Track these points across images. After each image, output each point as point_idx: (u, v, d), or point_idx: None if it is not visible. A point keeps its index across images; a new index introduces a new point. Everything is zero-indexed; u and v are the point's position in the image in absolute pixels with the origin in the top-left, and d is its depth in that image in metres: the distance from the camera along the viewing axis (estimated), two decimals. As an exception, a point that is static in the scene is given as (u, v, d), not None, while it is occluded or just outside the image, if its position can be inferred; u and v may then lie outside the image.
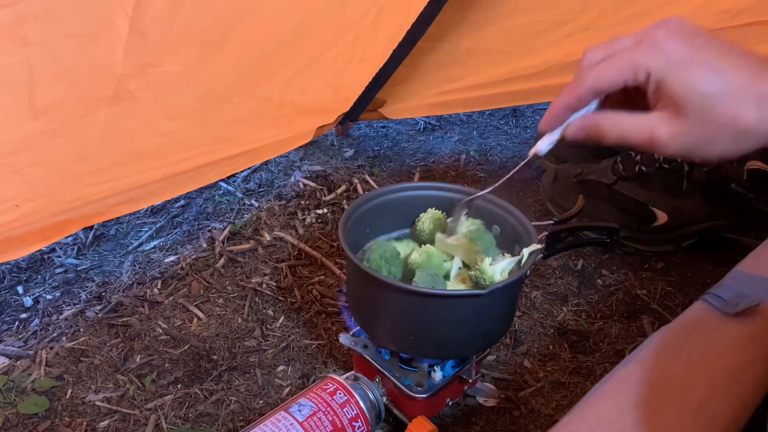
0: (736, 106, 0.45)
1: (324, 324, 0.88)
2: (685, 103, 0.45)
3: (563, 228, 0.69)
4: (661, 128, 0.47)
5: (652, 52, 0.46)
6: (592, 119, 0.50)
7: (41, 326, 0.88)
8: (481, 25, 1.11)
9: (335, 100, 1.20)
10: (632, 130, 0.49)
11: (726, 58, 0.46)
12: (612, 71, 0.47)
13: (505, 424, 0.74)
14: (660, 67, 0.46)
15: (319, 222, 1.10)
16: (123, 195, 0.92)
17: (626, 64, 0.47)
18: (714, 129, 0.46)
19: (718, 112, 0.45)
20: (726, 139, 0.46)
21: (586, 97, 0.49)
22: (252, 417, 0.75)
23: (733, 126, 0.45)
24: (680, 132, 0.46)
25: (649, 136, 0.48)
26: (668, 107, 0.46)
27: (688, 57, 0.46)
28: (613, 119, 0.49)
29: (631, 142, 0.49)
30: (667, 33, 0.46)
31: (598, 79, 0.48)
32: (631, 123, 0.49)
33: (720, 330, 0.63)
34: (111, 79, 0.79)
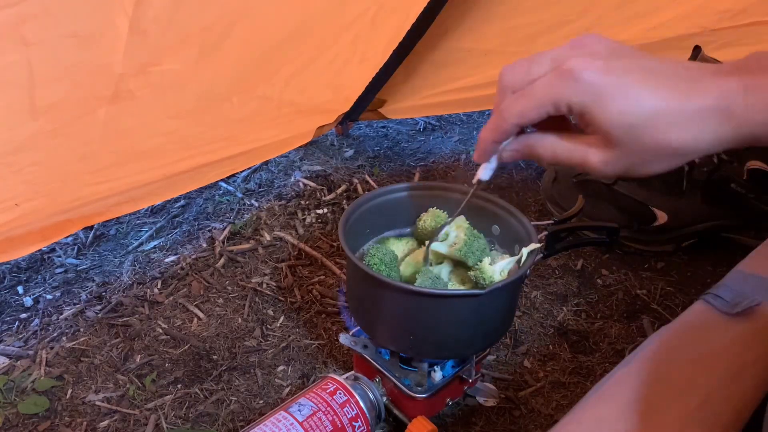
0: (665, 131, 0.44)
1: (324, 324, 0.88)
2: (612, 134, 0.45)
3: (563, 228, 0.69)
4: (593, 155, 0.47)
5: (570, 85, 0.45)
6: (525, 144, 0.51)
7: (41, 326, 0.88)
8: (481, 25, 1.12)
9: (335, 100, 1.20)
10: (565, 154, 0.49)
11: (648, 81, 0.44)
12: (533, 108, 0.47)
13: (505, 424, 0.74)
14: (581, 101, 0.45)
15: (319, 222, 1.10)
16: (123, 195, 0.92)
17: (546, 100, 0.46)
18: (646, 154, 0.46)
19: (646, 138, 0.44)
20: (660, 161, 0.46)
21: (511, 131, 0.50)
22: (252, 417, 0.75)
23: (666, 150, 0.45)
24: (612, 159, 0.46)
25: (582, 161, 0.48)
26: (597, 136, 0.46)
27: (608, 87, 0.44)
28: (545, 143, 0.50)
29: (565, 164, 0.49)
30: (583, 62, 0.45)
31: (521, 116, 0.48)
32: (564, 148, 0.49)
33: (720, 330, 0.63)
34: (111, 78, 0.79)
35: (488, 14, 1.10)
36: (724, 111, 0.43)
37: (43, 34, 0.70)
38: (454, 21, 1.12)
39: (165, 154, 0.95)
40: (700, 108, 0.43)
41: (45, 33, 0.70)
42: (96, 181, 0.88)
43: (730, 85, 0.43)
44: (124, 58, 0.77)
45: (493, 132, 0.50)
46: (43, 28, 0.70)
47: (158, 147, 0.94)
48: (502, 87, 0.50)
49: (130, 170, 0.91)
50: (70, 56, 0.74)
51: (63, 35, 0.72)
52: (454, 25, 1.12)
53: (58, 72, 0.75)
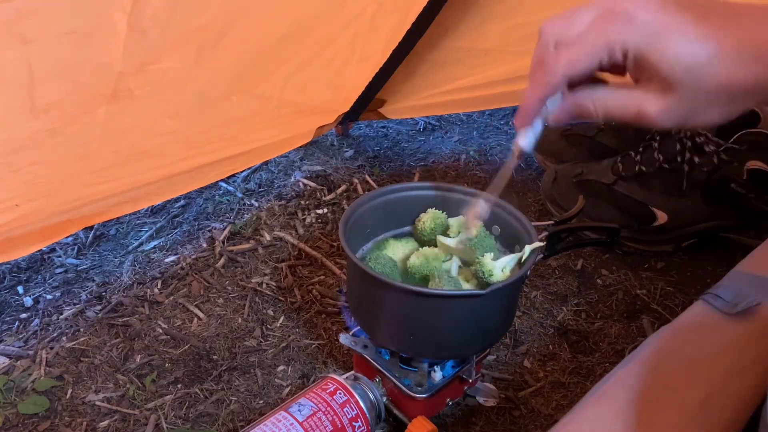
0: (727, 71, 0.41)
1: (324, 324, 0.88)
2: (672, 77, 0.42)
3: (563, 228, 0.69)
4: (649, 104, 0.44)
5: (624, 26, 0.42)
6: (574, 101, 0.47)
7: (41, 326, 0.88)
8: (481, 25, 1.11)
9: (335, 100, 1.20)
10: (618, 107, 0.45)
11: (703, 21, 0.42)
12: (584, 55, 0.44)
13: (505, 424, 0.74)
14: (637, 43, 0.42)
15: (319, 222, 1.10)
16: (123, 195, 0.92)
17: (599, 45, 0.43)
18: (706, 97, 0.43)
19: (708, 80, 0.42)
20: (721, 105, 0.43)
21: (561, 84, 0.46)
22: (252, 417, 0.75)
23: (727, 91, 0.42)
24: (670, 106, 0.43)
25: (637, 111, 0.44)
26: (654, 82, 0.43)
27: (665, 26, 0.42)
28: (598, 96, 0.46)
29: (618, 118, 0.46)
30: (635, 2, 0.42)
31: (571, 66, 0.44)
32: (619, 99, 0.45)
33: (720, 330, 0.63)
34: (110, 77, 0.79)
35: (488, 13, 1.10)
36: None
37: (42, 31, 0.70)
38: (454, 20, 1.12)
39: (165, 154, 0.95)
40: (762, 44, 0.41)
41: (43, 30, 0.70)
42: (96, 182, 0.88)
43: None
44: (123, 57, 0.77)
45: (539, 87, 0.46)
46: (42, 25, 0.70)
47: (158, 147, 0.93)
48: (543, 42, 0.46)
49: (131, 170, 0.91)
50: (68, 54, 0.74)
51: (61, 32, 0.72)
52: (454, 25, 1.12)
53: (57, 70, 0.74)
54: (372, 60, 1.12)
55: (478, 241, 0.68)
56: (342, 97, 1.19)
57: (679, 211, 0.97)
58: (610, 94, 0.46)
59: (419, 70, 1.19)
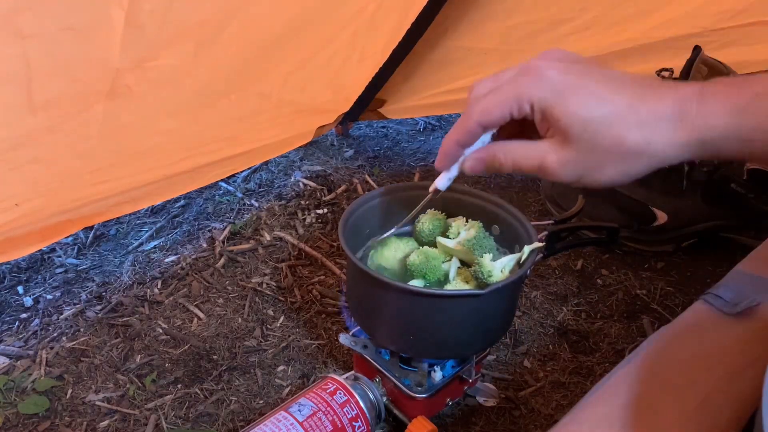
0: (620, 130, 0.45)
1: (324, 324, 0.88)
2: (570, 130, 0.46)
3: (563, 228, 0.69)
4: (550, 156, 0.48)
5: (533, 82, 0.47)
6: (487, 152, 0.51)
7: (41, 326, 0.88)
8: (481, 24, 1.12)
9: (335, 100, 1.20)
10: (524, 159, 0.49)
11: (607, 84, 0.46)
12: (496, 105, 0.48)
13: (505, 424, 0.74)
14: (542, 98, 0.46)
15: (319, 222, 1.10)
16: (123, 195, 0.92)
17: (510, 97, 0.47)
18: (601, 154, 0.46)
19: (602, 136, 0.46)
20: (614, 163, 0.47)
21: (475, 132, 0.50)
22: (252, 417, 0.75)
23: (619, 149, 0.46)
24: (569, 159, 0.47)
25: (539, 164, 0.48)
26: (556, 135, 0.47)
27: (569, 85, 0.46)
28: (506, 149, 0.50)
29: (525, 170, 0.50)
30: (547, 63, 0.47)
31: (484, 114, 0.48)
32: (523, 152, 0.50)
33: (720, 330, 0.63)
34: (108, 73, 0.78)
35: (488, 13, 1.10)
36: (677, 116, 0.44)
37: (39, 27, 0.70)
38: (453, 20, 1.12)
39: (165, 153, 0.95)
40: (654, 111, 0.45)
41: (41, 25, 0.70)
42: (96, 181, 0.87)
43: (687, 92, 0.45)
44: (120, 53, 0.77)
45: (455, 133, 0.51)
46: (39, 20, 0.69)
47: (158, 146, 0.93)
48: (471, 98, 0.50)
49: (131, 170, 0.91)
50: (66, 50, 0.73)
51: (59, 28, 0.71)
52: (454, 24, 1.12)
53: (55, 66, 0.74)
54: (372, 60, 1.12)
55: (478, 242, 0.68)
56: (342, 97, 1.19)
57: (679, 211, 0.97)
58: (518, 147, 0.50)
59: (419, 70, 1.19)
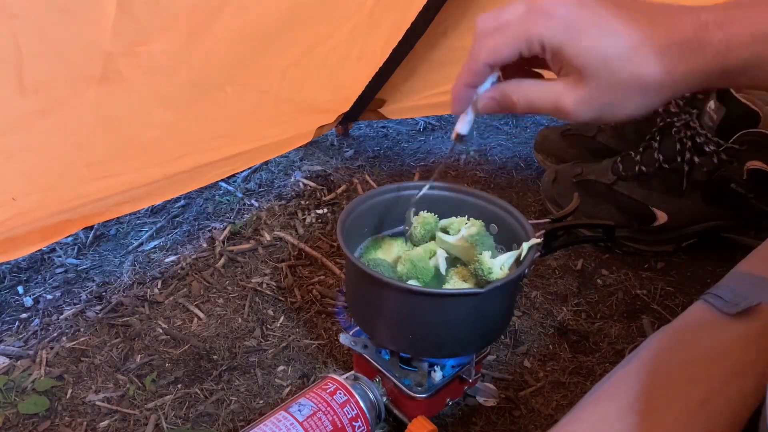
0: (638, 63, 0.43)
1: (324, 324, 0.88)
2: (586, 68, 0.44)
3: (560, 226, 0.69)
4: (566, 96, 0.46)
5: (542, 20, 0.45)
6: (499, 90, 0.49)
7: (41, 326, 0.88)
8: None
9: (335, 100, 1.20)
10: (538, 98, 0.48)
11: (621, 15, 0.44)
12: (505, 45, 0.46)
13: (505, 424, 0.74)
14: (553, 36, 0.44)
15: (319, 222, 1.10)
16: (123, 195, 0.92)
17: (518, 37, 0.45)
18: (620, 89, 0.45)
19: (620, 72, 0.44)
20: (634, 98, 0.45)
21: (483, 72, 0.48)
22: (252, 417, 0.75)
23: (638, 83, 0.44)
24: (586, 97, 0.45)
25: (554, 103, 0.46)
26: (571, 74, 0.45)
27: (581, 20, 0.44)
28: (520, 88, 0.48)
29: (539, 110, 0.48)
30: None
31: (492, 53, 0.47)
32: (538, 91, 0.48)
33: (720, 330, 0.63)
34: (99, 57, 0.78)
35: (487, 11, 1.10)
36: (698, 42, 0.42)
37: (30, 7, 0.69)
38: (453, 19, 1.12)
39: (163, 149, 0.94)
40: (674, 39, 0.43)
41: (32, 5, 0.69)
42: (94, 177, 0.87)
43: (708, 17, 0.42)
44: (112, 36, 0.76)
45: (464, 75, 0.49)
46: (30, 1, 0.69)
47: (155, 140, 0.93)
48: (476, 34, 0.48)
49: (129, 166, 0.90)
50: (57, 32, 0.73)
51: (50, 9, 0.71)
52: (454, 24, 1.12)
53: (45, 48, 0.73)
54: (371, 59, 1.12)
55: (478, 239, 0.67)
56: (341, 96, 1.19)
57: (679, 211, 0.97)
58: (532, 86, 0.48)
59: (419, 69, 1.19)
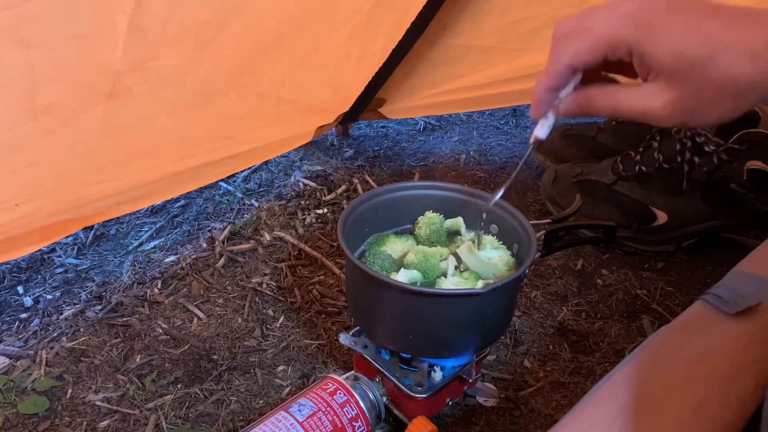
0: (730, 64, 0.42)
1: (324, 324, 0.88)
2: (676, 71, 0.43)
3: (560, 227, 0.69)
4: (655, 100, 0.45)
5: (628, 23, 0.44)
6: (584, 94, 0.49)
7: (41, 326, 0.88)
8: (480, 22, 1.11)
9: (335, 100, 1.20)
10: (626, 103, 0.47)
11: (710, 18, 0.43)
12: (588, 47, 0.45)
13: (505, 424, 0.74)
14: (640, 39, 0.44)
15: (319, 222, 1.10)
16: (123, 195, 0.92)
17: (603, 40, 0.45)
18: (710, 92, 0.44)
19: (712, 73, 0.42)
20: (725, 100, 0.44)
21: (566, 76, 0.48)
22: (252, 417, 0.75)
23: (731, 85, 0.43)
24: (675, 102, 0.44)
25: (644, 108, 0.46)
26: (659, 77, 0.44)
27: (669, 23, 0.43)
28: (606, 92, 0.48)
29: (625, 115, 0.47)
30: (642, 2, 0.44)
31: (576, 56, 0.46)
32: (626, 96, 0.47)
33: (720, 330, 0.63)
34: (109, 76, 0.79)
35: (486, 10, 1.10)
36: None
37: (44, 36, 0.70)
38: (452, 18, 1.11)
39: (164, 153, 0.95)
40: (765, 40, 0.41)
41: (46, 34, 0.70)
42: (95, 180, 0.87)
43: None
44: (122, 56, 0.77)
45: (546, 77, 0.48)
46: (44, 30, 0.70)
47: (157, 146, 0.93)
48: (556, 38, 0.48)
49: (130, 170, 0.91)
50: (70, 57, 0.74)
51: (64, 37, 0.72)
52: (453, 22, 1.12)
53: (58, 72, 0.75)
54: (371, 59, 1.12)
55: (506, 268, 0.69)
56: (341, 96, 1.19)
57: (679, 211, 0.97)
58: (619, 91, 0.47)
59: (419, 68, 1.19)
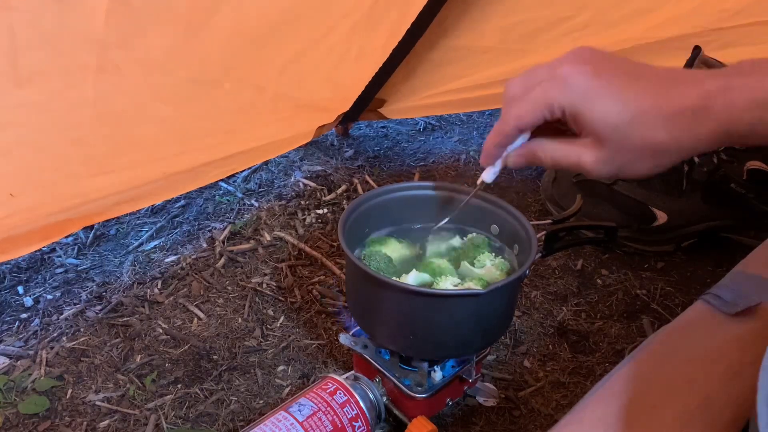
0: (647, 130, 0.48)
1: (324, 324, 0.88)
2: (601, 134, 0.49)
3: (561, 227, 0.69)
4: (586, 155, 0.51)
5: (561, 89, 0.50)
6: (527, 149, 0.56)
7: (41, 326, 0.88)
8: (480, 23, 1.11)
9: (334, 99, 1.19)
10: (562, 157, 0.53)
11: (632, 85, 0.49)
12: (528, 111, 0.52)
13: (505, 424, 0.74)
14: (572, 103, 0.49)
15: (319, 222, 1.10)
16: (123, 194, 0.92)
17: (540, 104, 0.51)
18: (632, 152, 0.50)
19: (631, 138, 0.49)
20: (645, 160, 0.50)
21: (513, 135, 0.55)
22: (252, 417, 0.75)
23: (648, 147, 0.49)
24: (603, 158, 0.50)
25: (576, 162, 0.52)
26: (589, 137, 0.51)
27: (596, 90, 0.49)
28: (545, 147, 0.55)
29: (563, 166, 0.53)
30: (574, 68, 0.50)
31: (519, 119, 0.53)
32: (561, 151, 0.53)
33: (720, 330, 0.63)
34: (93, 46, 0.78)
35: (487, 12, 1.10)
36: (702, 111, 0.47)
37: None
38: (453, 19, 1.11)
39: (161, 145, 0.94)
40: (679, 108, 0.47)
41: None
42: (92, 173, 0.86)
43: (711, 86, 0.47)
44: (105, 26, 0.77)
45: (495, 136, 0.56)
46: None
47: (153, 136, 0.92)
48: (505, 99, 0.54)
49: (126, 162, 0.90)
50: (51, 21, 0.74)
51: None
52: (453, 24, 1.12)
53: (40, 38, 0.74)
54: (371, 57, 1.12)
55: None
56: (341, 96, 1.19)
57: (679, 211, 0.97)
58: (556, 146, 0.54)
59: (419, 69, 1.19)
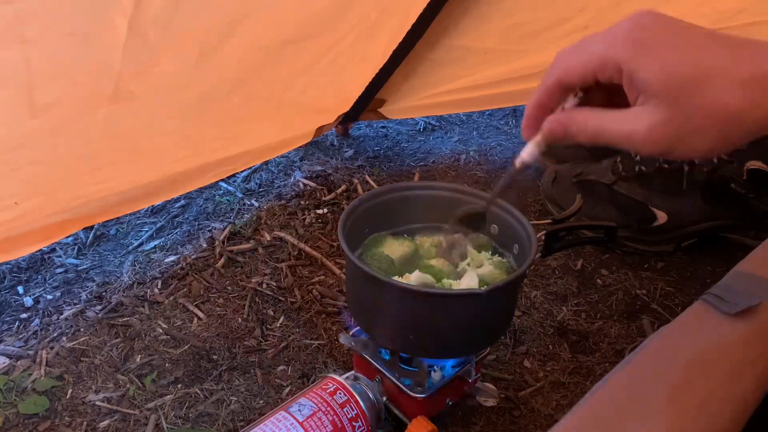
0: (722, 91, 0.40)
1: (324, 324, 0.88)
2: (664, 91, 0.41)
3: (561, 227, 0.69)
4: (641, 122, 0.42)
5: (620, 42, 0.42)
6: (568, 113, 0.46)
7: (41, 326, 0.88)
8: (481, 23, 1.11)
9: (335, 100, 1.20)
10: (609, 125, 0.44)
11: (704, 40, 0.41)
12: (577, 63, 0.44)
13: (505, 424, 0.74)
14: (630, 57, 0.41)
15: (319, 222, 1.10)
16: (123, 195, 0.92)
17: (593, 57, 0.43)
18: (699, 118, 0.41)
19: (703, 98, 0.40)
20: (712, 129, 0.41)
21: (555, 92, 0.46)
22: (252, 417, 0.75)
23: (720, 112, 0.40)
24: (662, 124, 0.41)
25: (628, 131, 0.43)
26: (647, 100, 0.42)
27: (662, 42, 0.41)
28: (591, 113, 0.45)
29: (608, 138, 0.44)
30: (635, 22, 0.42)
31: (565, 72, 0.44)
32: (610, 118, 0.44)
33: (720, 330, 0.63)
34: (110, 77, 0.79)
35: (487, 12, 1.10)
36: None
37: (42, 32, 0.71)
38: (453, 19, 1.12)
39: (165, 153, 0.95)
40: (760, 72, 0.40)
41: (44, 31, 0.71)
42: (96, 180, 0.87)
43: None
44: (123, 58, 0.78)
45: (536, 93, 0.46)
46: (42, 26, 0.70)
47: (158, 147, 0.93)
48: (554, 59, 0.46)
49: (130, 170, 0.91)
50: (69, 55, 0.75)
51: (62, 34, 0.73)
52: (454, 24, 1.12)
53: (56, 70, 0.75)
54: (372, 60, 1.12)
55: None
56: (342, 97, 1.19)
57: (679, 211, 0.97)
58: (604, 113, 0.45)
59: (419, 69, 1.19)
